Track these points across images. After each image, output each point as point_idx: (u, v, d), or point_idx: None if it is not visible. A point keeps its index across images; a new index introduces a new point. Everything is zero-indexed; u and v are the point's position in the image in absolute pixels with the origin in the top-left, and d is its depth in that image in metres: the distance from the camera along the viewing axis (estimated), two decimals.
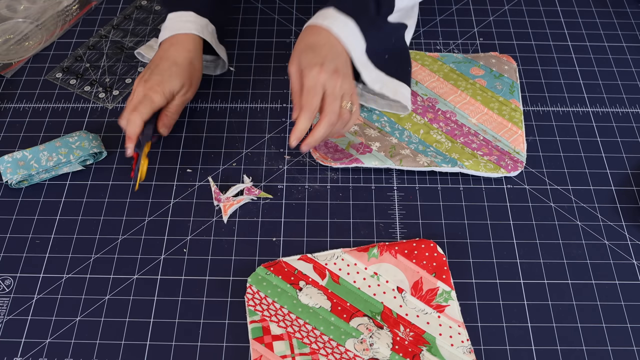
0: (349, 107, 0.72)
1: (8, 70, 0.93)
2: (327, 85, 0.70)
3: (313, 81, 0.70)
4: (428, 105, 0.86)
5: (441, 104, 0.86)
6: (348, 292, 0.70)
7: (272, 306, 0.69)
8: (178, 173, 0.81)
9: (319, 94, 0.70)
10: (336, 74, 0.70)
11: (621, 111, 0.88)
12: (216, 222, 0.77)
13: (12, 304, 0.71)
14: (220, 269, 0.73)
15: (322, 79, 0.70)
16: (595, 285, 0.72)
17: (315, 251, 0.74)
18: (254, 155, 0.83)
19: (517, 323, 0.69)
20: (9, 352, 0.67)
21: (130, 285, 0.72)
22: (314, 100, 0.70)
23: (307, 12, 1.00)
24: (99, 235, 0.76)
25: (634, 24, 1.00)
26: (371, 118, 0.84)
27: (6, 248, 0.75)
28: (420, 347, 0.66)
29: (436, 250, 0.73)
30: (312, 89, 0.70)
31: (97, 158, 0.83)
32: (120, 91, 0.90)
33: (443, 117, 0.85)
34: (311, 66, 0.70)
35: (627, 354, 0.67)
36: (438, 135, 0.82)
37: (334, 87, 0.70)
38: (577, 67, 0.94)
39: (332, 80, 0.70)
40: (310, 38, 0.73)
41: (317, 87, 0.70)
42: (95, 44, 0.97)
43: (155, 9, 1.02)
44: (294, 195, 0.79)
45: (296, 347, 0.66)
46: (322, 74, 0.69)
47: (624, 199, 0.79)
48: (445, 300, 0.70)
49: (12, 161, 0.78)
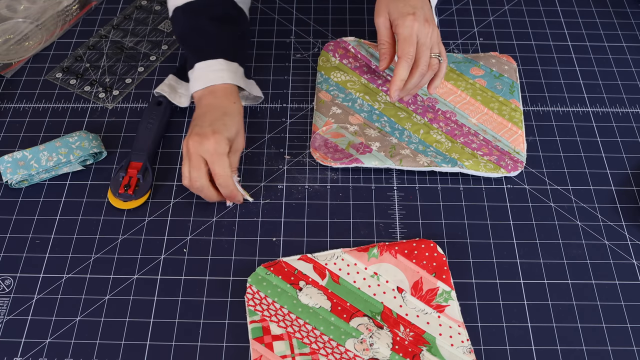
0: (438, 57, 0.75)
1: (8, 70, 0.93)
2: (420, 34, 0.72)
3: (408, 30, 0.72)
4: (428, 105, 0.86)
5: (441, 104, 0.86)
6: (348, 292, 0.70)
7: (272, 306, 0.69)
8: (178, 173, 0.81)
9: (414, 43, 0.72)
10: (427, 22, 0.73)
11: (621, 111, 0.88)
12: (216, 222, 0.77)
13: (12, 304, 0.71)
14: (220, 269, 0.73)
15: (415, 28, 0.71)
16: (595, 285, 0.72)
17: (315, 251, 0.74)
18: (254, 155, 0.83)
19: (517, 323, 0.69)
20: (9, 352, 0.67)
21: (130, 285, 0.72)
22: (411, 49, 0.72)
23: (307, 12, 1.01)
24: (99, 235, 0.76)
25: (634, 24, 1.00)
26: (371, 118, 0.84)
27: (6, 248, 0.75)
28: (420, 347, 0.66)
29: (436, 250, 0.73)
30: (409, 37, 0.72)
31: (97, 158, 0.83)
32: (120, 91, 0.90)
33: (443, 117, 0.85)
34: (404, 15, 0.72)
35: (627, 354, 0.67)
36: (438, 135, 0.82)
37: (425, 36, 0.72)
38: (577, 67, 0.94)
39: (424, 29, 0.72)
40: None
41: (412, 36, 0.72)
42: (95, 44, 0.97)
43: (155, 9, 1.02)
44: (294, 195, 0.79)
45: (296, 347, 0.66)
46: (415, 23, 0.71)
47: (624, 199, 0.79)
48: (445, 300, 0.70)
49: (12, 161, 0.78)
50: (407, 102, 0.86)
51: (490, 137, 0.82)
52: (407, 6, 0.73)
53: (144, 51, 0.96)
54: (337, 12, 1.01)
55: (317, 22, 0.99)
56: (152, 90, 0.89)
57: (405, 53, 0.73)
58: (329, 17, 1.00)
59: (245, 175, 0.81)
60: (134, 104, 0.89)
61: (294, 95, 0.90)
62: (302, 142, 0.84)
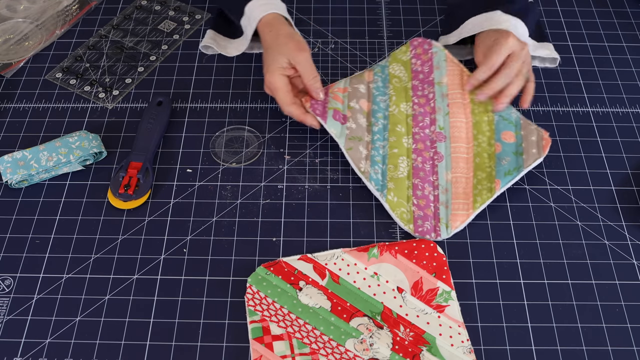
0: (524, 73, 0.82)
1: (8, 70, 0.93)
2: (514, 47, 0.81)
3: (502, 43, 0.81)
4: (432, 138, 0.81)
5: (440, 146, 0.80)
6: (348, 292, 0.70)
7: (272, 306, 0.69)
8: (178, 173, 0.81)
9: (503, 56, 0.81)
10: (522, 43, 0.82)
11: (621, 111, 0.88)
12: (216, 222, 0.77)
13: (12, 304, 0.71)
14: (220, 269, 0.73)
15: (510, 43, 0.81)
16: (595, 285, 0.72)
17: (315, 251, 0.74)
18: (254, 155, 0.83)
19: (517, 323, 0.69)
20: (9, 352, 0.67)
21: (130, 285, 0.72)
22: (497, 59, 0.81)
23: (307, 12, 1.01)
24: (98, 235, 0.76)
25: (634, 24, 1.00)
26: (376, 111, 0.82)
27: (6, 248, 0.75)
28: (420, 347, 0.66)
29: (436, 250, 0.73)
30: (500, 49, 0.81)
31: (97, 158, 0.83)
32: (120, 91, 0.90)
33: (429, 156, 0.79)
34: (507, 35, 0.82)
35: (627, 354, 0.67)
36: (402, 164, 0.78)
37: (520, 50, 0.81)
38: (577, 67, 0.94)
39: (519, 44, 0.82)
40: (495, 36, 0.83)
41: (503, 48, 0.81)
42: (95, 44, 0.97)
43: (155, 9, 1.02)
44: (294, 195, 0.79)
45: (296, 347, 0.66)
46: (510, 38, 0.81)
47: (624, 199, 0.79)
48: (445, 300, 0.70)
49: (12, 161, 0.78)
50: (423, 125, 0.82)
51: (443, 199, 0.76)
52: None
53: (144, 51, 0.96)
54: (337, 12, 1.01)
55: (317, 22, 0.99)
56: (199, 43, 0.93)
57: (488, 60, 0.81)
58: (329, 17, 1.00)
59: (245, 175, 0.81)
60: (134, 104, 0.89)
61: None
62: (302, 142, 0.84)
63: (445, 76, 0.85)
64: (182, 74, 0.93)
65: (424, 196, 0.76)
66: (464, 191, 0.77)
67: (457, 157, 0.79)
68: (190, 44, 0.97)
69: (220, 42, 0.95)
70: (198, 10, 1.01)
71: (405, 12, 1.01)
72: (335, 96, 0.82)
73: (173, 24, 0.99)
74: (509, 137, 0.80)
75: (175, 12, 1.01)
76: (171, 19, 1.00)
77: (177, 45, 0.96)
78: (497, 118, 0.82)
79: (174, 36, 0.97)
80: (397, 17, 1.00)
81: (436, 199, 0.76)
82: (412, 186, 0.77)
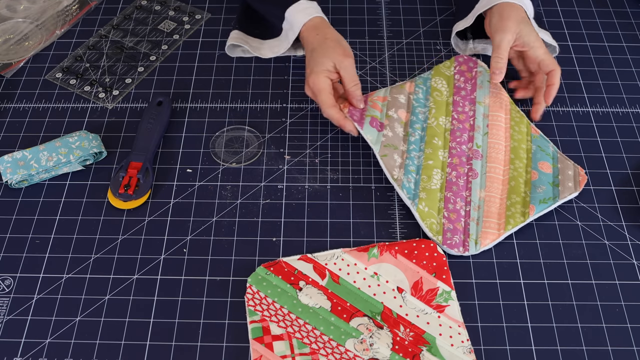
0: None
1: (8, 70, 0.93)
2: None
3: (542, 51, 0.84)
4: (468, 155, 0.80)
5: (476, 164, 0.79)
6: (348, 292, 0.70)
7: (272, 306, 0.69)
8: (178, 173, 0.81)
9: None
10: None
11: (621, 111, 0.88)
12: (216, 222, 0.77)
13: (12, 304, 0.71)
14: (220, 269, 0.73)
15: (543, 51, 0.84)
16: (595, 285, 0.72)
17: (315, 251, 0.74)
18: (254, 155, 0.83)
19: (517, 323, 0.69)
20: (9, 352, 0.67)
21: (130, 285, 0.72)
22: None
23: None
24: (98, 236, 0.76)
25: (634, 24, 1.00)
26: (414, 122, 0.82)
27: (6, 248, 0.75)
28: (420, 347, 0.66)
29: (436, 250, 0.73)
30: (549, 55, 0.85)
31: (97, 158, 0.83)
32: (120, 91, 0.90)
33: (463, 171, 0.79)
34: (541, 43, 0.85)
35: (627, 354, 0.67)
36: (436, 176, 0.78)
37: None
38: (577, 67, 0.94)
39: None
40: (520, 14, 0.84)
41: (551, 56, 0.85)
42: (95, 44, 0.97)
43: (155, 9, 1.02)
44: (294, 195, 0.79)
45: (296, 347, 0.66)
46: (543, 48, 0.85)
47: (624, 199, 0.79)
48: (445, 300, 0.70)
49: (12, 161, 0.78)
50: (460, 140, 0.81)
51: (474, 215, 0.75)
52: (534, 32, 0.84)
53: (143, 51, 0.96)
54: (337, 12, 1.01)
55: None
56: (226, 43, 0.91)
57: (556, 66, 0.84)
58: (329, 17, 1.00)
59: (245, 175, 0.81)
60: (134, 104, 0.89)
61: (294, 95, 0.90)
62: (302, 142, 0.85)
63: (488, 97, 0.85)
64: (182, 74, 0.93)
65: (455, 210, 0.76)
66: (497, 211, 0.76)
67: (492, 177, 0.78)
68: (190, 44, 0.97)
69: (252, 44, 0.94)
70: (198, 10, 1.01)
71: (405, 12, 1.01)
72: (374, 104, 0.83)
73: (173, 24, 0.99)
74: (546, 167, 0.79)
75: (175, 12, 1.01)
76: (171, 19, 1.00)
77: (177, 45, 0.96)
78: (534, 147, 0.82)
79: (174, 36, 0.97)
80: (397, 17, 1.00)
81: (467, 215, 0.76)
82: (444, 199, 0.77)
